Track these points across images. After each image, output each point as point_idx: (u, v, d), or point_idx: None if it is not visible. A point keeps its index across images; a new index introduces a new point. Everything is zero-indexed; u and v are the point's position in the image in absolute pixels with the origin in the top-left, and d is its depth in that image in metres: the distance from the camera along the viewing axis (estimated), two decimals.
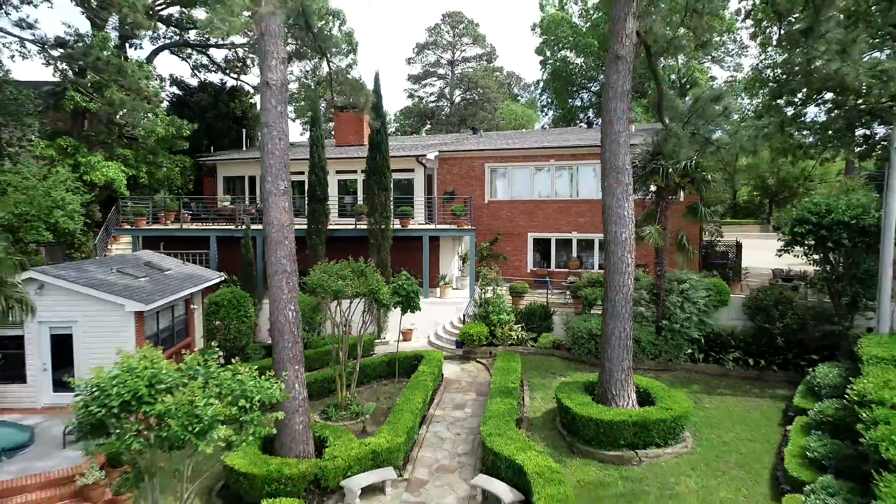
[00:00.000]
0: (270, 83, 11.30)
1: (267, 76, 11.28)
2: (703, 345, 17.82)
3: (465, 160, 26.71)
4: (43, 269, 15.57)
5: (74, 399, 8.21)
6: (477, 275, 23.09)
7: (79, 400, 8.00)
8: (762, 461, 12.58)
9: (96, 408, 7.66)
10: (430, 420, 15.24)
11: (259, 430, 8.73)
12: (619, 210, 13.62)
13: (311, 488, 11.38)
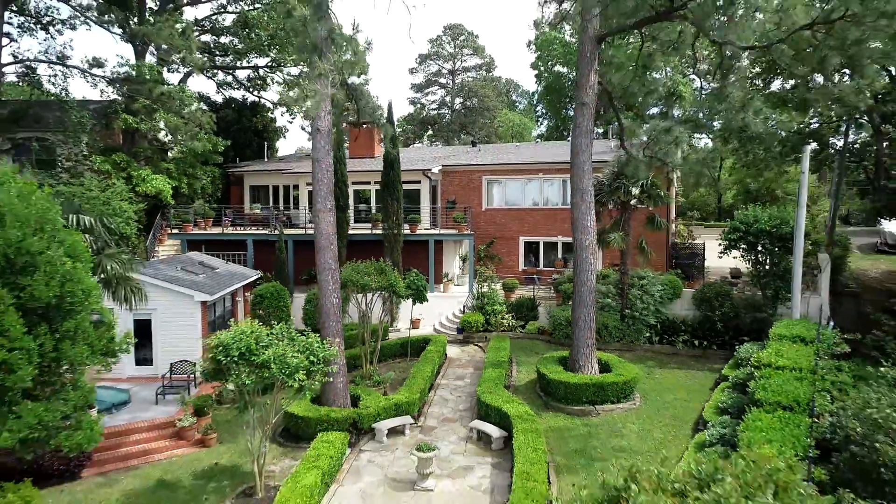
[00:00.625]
0: (321, 129, 15.28)
1: (318, 124, 15.25)
2: (658, 329, 21.84)
3: (465, 173, 30.70)
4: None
5: (204, 354, 12.18)
6: (475, 273, 27.10)
7: (209, 352, 11.98)
8: (691, 414, 16.55)
9: (222, 357, 11.64)
10: (436, 387, 19.24)
11: (321, 378, 12.72)
12: (584, 221, 17.59)
13: (350, 429, 15.36)
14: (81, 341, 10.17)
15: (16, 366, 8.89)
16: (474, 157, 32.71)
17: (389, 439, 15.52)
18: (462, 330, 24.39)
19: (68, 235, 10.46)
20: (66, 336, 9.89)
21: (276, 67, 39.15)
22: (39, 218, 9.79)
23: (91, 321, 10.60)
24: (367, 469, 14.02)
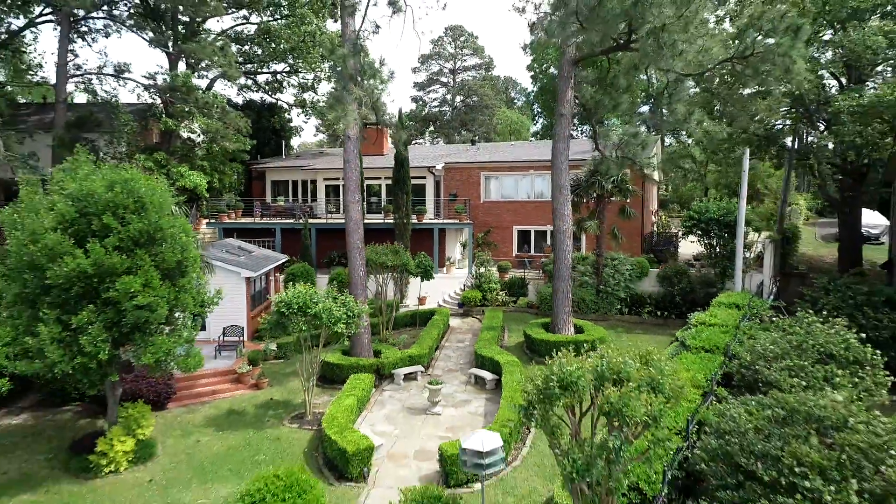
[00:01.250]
0: (350, 137, 19.29)
1: (348, 133, 19.24)
2: (627, 302, 25.90)
3: (465, 169, 34.67)
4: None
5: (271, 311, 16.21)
6: (474, 257, 31.14)
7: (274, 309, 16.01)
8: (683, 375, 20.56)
9: (285, 310, 15.68)
10: (441, 348, 23.31)
11: (355, 328, 16.77)
12: (562, 211, 21.60)
13: (374, 374, 19.43)
14: (189, 294, 14.22)
15: (156, 307, 12.93)
16: (474, 156, 36.68)
17: (405, 383, 19.61)
18: (462, 305, 28.46)
19: (178, 218, 14.49)
20: (182, 289, 13.94)
21: (292, 73, 43.04)
22: (162, 204, 13.82)
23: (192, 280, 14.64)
24: (389, 401, 18.10)
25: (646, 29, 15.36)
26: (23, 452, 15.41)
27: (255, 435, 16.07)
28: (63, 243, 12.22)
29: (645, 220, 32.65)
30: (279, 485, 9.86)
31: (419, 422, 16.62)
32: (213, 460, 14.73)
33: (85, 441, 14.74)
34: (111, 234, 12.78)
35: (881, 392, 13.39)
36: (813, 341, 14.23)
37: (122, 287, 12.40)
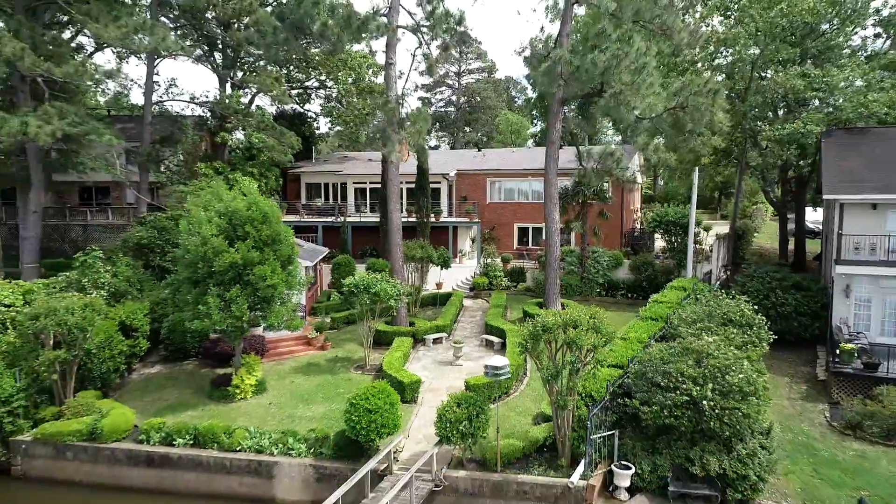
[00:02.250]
0: (393, 161, 25.78)
1: (391, 158, 25.72)
2: (605, 287, 32.49)
3: (474, 175, 41.16)
4: None
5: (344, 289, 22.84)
6: (482, 249, 37.69)
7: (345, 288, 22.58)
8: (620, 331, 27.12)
9: (354, 289, 22.24)
10: (458, 321, 29.93)
11: (402, 303, 23.36)
12: (552, 216, 28.09)
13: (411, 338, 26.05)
14: (294, 278, 20.81)
15: (278, 286, 19.51)
16: (480, 163, 43.12)
17: (434, 345, 26.26)
18: (473, 289, 35.05)
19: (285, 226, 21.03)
20: (290, 274, 20.52)
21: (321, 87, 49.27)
22: (278, 217, 20.37)
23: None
24: (424, 358, 24.76)
25: (609, 92, 21.83)
26: (173, 389, 22.07)
27: (332, 377, 22.72)
28: (222, 245, 18.77)
29: (626, 218, 39.21)
30: (375, 391, 16.45)
31: (447, 370, 23.26)
32: (307, 392, 21.39)
33: (220, 380, 21.41)
34: (249, 237, 19.34)
35: (763, 345, 19.97)
36: (719, 310, 20.82)
37: (258, 273, 19.00)
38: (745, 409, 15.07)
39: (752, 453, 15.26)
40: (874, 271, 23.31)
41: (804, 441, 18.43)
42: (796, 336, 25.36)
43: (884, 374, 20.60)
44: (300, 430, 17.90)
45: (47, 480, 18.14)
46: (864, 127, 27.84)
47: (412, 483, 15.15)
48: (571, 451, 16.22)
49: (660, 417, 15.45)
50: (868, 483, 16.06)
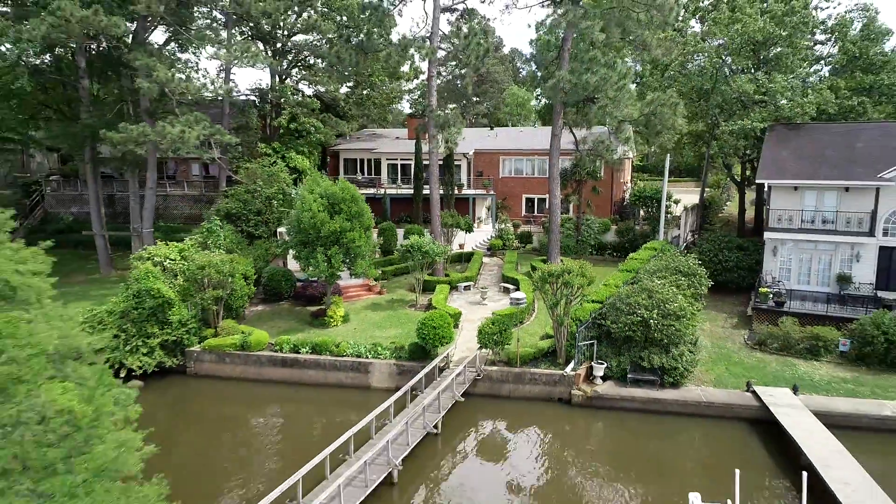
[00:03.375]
0: (434, 153, 33.80)
1: (433, 151, 33.73)
2: (596, 248, 40.89)
3: (489, 154, 49.07)
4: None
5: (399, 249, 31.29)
6: (496, 217, 45.94)
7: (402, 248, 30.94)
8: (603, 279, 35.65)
9: (410, 249, 30.61)
10: (480, 274, 38.41)
11: (440, 261, 31.78)
12: (554, 192, 36.27)
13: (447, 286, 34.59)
14: (371, 241, 29.20)
15: (363, 246, 27.90)
16: (494, 143, 50.97)
17: (464, 291, 34.79)
18: (490, 249, 43.44)
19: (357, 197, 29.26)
20: (368, 238, 28.89)
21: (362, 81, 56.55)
22: (357, 194, 28.61)
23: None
24: (458, 299, 33.30)
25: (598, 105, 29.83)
26: (280, 320, 30.65)
27: (393, 312, 31.30)
28: (326, 218, 27.05)
29: (615, 191, 47.32)
30: (437, 315, 24.96)
31: (476, 307, 31.81)
32: (378, 321, 29.99)
33: (317, 313, 30.00)
34: (343, 212, 27.62)
35: (704, 289, 28.43)
36: (674, 264, 29.21)
37: (350, 237, 27.35)
38: (677, 326, 23.61)
39: (681, 354, 23.86)
40: (794, 237, 31.64)
41: (725, 352, 27.07)
42: (737, 285, 33.90)
43: (787, 309, 29.16)
44: (382, 344, 26.53)
45: (211, 377, 26.87)
46: (800, 123, 35.77)
47: (464, 372, 23.83)
48: (566, 354, 24.83)
49: (623, 332, 24.01)
50: (758, 376, 24.68)
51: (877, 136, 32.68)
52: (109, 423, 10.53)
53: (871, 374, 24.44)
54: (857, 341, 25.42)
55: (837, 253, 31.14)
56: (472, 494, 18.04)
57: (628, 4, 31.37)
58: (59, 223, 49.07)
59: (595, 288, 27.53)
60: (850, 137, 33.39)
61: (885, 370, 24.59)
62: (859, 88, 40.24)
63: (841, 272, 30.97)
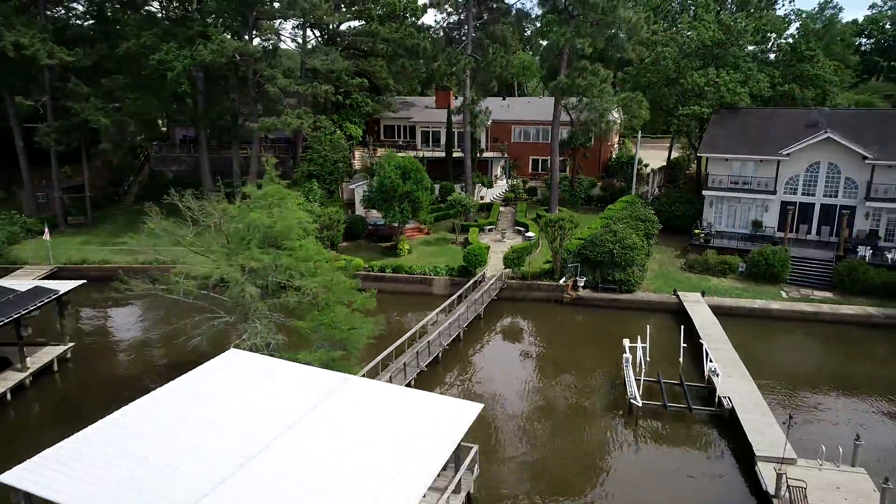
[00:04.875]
0: (467, 131, 46.53)
1: (465, 137, 46.41)
2: (585, 200, 54.12)
3: (504, 123, 61.55)
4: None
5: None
6: (509, 174, 58.95)
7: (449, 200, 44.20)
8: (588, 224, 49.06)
9: (453, 201, 43.84)
10: (498, 219, 51.79)
11: (472, 210, 45.11)
12: (554, 156, 49.25)
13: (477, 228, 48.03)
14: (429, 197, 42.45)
15: (424, 201, 41.19)
16: (507, 113, 63.21)
17: (488, 232, 48.24)
18: (505, 200, 56.61)
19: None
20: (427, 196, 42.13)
21: None
22: (420, 166, 41.68)
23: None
24: (485, 238, 46.77)
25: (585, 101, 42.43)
26: (361, 252, 44.14)
27: (441, 247, 44.83)
28: (400, 182, 40.16)
29: (603, 154, 60.06)
30: (476, 247, 38.45)
31: (498, 244, 45.28)
32: (432, 253, 43.54)
33: (391, 247, 43.56)
34: (411, 178, 40.74)
35: (654, 228, 41.89)
36: (636, 213, 42.47)
37: (415, 195, 40.60)
38: (631, 255, 37.11)
39: (633, 272, 37.45)
40: (723, 194, 44.80)
41: (666, 272, 40.70)
42: (683, 228, 47.23)
43: (713, 245, 42.63)
44: (438, 266, 40.09)
45: None
46: (739, 108, 48.27)
47: (495, 283, 37.56)
48: (560, 273, 38.44)
49: (596, 258, 37.52)
50: (683, 286, 38.28)
51: (787, 121, 45.41)
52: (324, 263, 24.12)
53: (755, 286, 38.19)
54: (749, 265, 39.06)
55: (753, 206, 44.45)
56: (495, 360, 31.84)
57: (610, 22, 43.63)
58: (162, 179, 61.94)
59: (581, 230, 40.86)
60: (769, 121, 46.17)
61: (764, 283, 38.31)
62: (791, 76, 52.51)
63: (755, 219, 44.34)
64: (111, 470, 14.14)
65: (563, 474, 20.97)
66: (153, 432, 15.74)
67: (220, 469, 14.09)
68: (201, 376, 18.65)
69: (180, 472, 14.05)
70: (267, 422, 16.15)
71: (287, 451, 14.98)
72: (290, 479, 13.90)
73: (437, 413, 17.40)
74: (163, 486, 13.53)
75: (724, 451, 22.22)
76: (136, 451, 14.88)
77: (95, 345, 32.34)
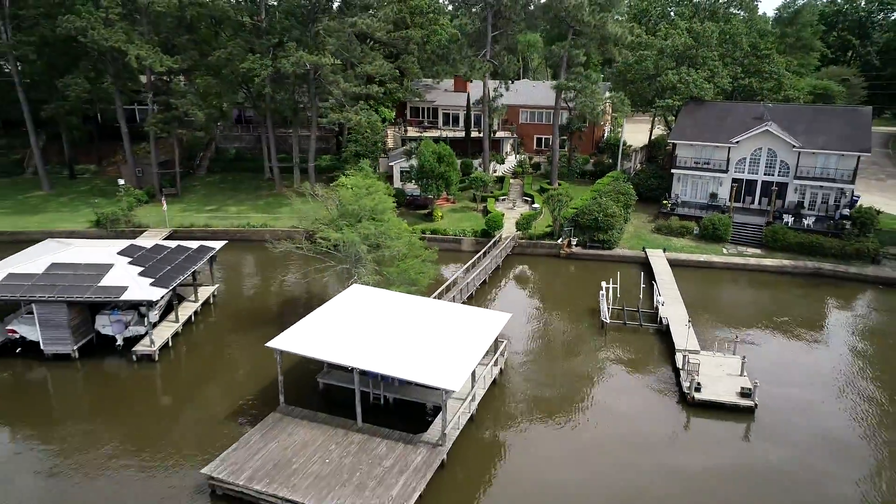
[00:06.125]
0: (489, 116, 58.39)
1: (484, 124, 58.25)
2: (579, 174, 66.23)
3: (513, 107, 73.02)
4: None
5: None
6: (517, 151, 70.90)
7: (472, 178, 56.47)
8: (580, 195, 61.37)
9: (476, 177, 56.09)
10: (509, 191, 64.07)
11: (489, 184, 57.41)
12: (555, 137, 61.21)
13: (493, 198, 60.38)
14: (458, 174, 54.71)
15: (454, 179, 53.46)
16: (516, 98, 74.46)
17: (502, 201, 60.57)
18: (514, 174, 68.70)
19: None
20: (457, 174, 54.36)
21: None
22: (452, 153, 53.79)
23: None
24: (499, 206, 59.14)
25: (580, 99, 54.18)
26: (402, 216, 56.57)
27: (465, 214, 57.23)
28: (436, 164, 52.32)
29: (596, 135, 71.88)
30: (495, 214, 50.88)
31: (510, 211, 57.68)
32: (459, 218, 55.99)
33: (427, 214, 56.01)
34: (444, 161, 52.89)
35: (632, 200, 54.29)
36: (618, 188, 54.74)
37: (449, 174, 52.81)
38: (612, 221, 49.59)
39: (613, 234, 49.98)
40: (688, 173, 56.97)
41: (639, 234, 53.25)
42: (656, 199, 59.44)
43: (678, 213, 55.03)
44: (465, 229, 52.60)
45: None
46: (704, 101, 59.87)
47: (509, 242, 50.18)
48: (558, 234, 50.97)
49: (585, 223, 49.99)
50: (650, 245, 50.81)
51: (740, 113, 57.20)
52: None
53: (705, 244, 50.77)
54: (701, 228, 51.56)
55: (711, 181, 56.64)
56: (511, 296, 44.64)
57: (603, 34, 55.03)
58: (227, 155, 73.90)
59: (575, 201, 53.17)
60: (726, 113, 57.95)
61: (712, 242, 50.85)
62: (750, 71, 63.97)
63: (712, 192, 56.60)
64: (323, 338, 26.99)
65: (554, 357, 34.03)
66: (337, 320, 28.58)
67: (379, 337, 26.92)
68: (344, 297, 31.41)
69: (358, 338, 26.87)
70: (388, 320, 28.93)
71: (405, 336, 27.75)
72: (413, 347, 26.70)
73: (483, 318, 30.19)
74: (352, 345, 26.36)
75: (658, 348, 35.18)
76: (331, 329, 27.70)
77: (234, 286, 45.09)
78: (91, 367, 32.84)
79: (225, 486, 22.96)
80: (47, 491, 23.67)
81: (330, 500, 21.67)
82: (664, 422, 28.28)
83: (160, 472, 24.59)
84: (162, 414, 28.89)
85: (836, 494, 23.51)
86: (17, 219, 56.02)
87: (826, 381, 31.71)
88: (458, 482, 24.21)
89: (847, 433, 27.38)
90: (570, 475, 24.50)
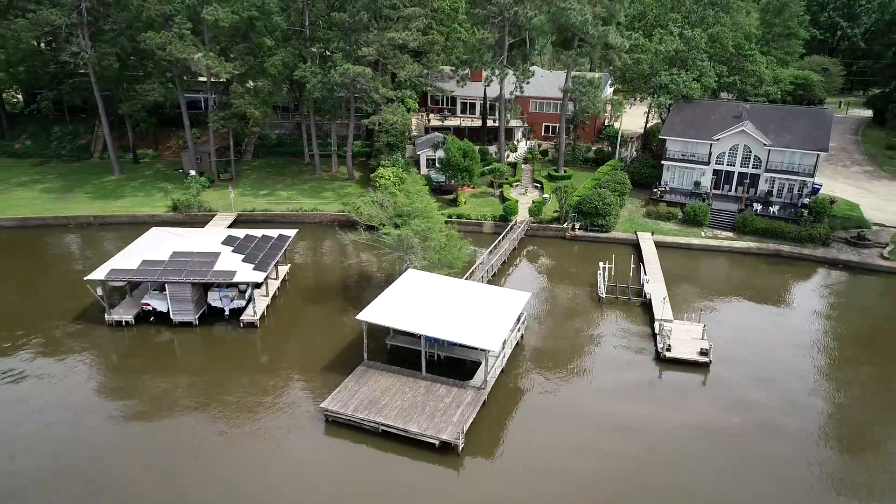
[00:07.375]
0: (504, 107, 67.44)
1: (501, 100, 67.28)
2: (583, 161, 75.50)
3: (524, 98, 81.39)
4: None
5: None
6: (528, 139, 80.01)
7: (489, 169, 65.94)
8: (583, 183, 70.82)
9: (494, 166, 65.50)
10: (522, 177, 73.46)
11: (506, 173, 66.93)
12: (562, 127, 70.33)
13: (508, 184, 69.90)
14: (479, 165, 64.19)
15: (475, 169, 62.95)
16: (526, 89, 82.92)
17: (515, 187, 70.07)
18: (525, 160, 77.89)
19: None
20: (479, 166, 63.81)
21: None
22: (474, 148, 63.11)
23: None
24: (513, 193, 68.71)
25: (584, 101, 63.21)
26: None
27: (484, 199, 66.83)
28: (461, 158, 61.71)
29: (598, 125, 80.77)
30: (512, 201, 60.56)
31: (523, 197, 67.23)
32: (479, 203, 65.59)
33: (452, 200, 65.66)
34: (467, 156, 62.27)
35: (626, 189, 63.87)
36: (616, 175, 64.18)
37: (470, 166, 62.28)
38: (609, 208, 59.30)
39: (610, 220, 59.73)
40: (676, 164, 66.34)
41: (633, 219, 62.99)
42: (648, 186, 68.81)
43: (666, 199, 64.64)
44: (486, 213, 62.31)
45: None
46: (692, 99, 68.65)
47: (523, 226, 60.01)
48: (564, 219, 60.70)
49: (587, 210, 59.65)
50: (641, 228, 60.61)
51: (722, 112, 66.21)
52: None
53: (687, 228, 60.56)
54: (685, 214, 61.26)
55: (695, 172, 66.04)
56: (525, 273, 54.69)
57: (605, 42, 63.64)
58: (269, 140, 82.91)
59: (579, 190, 62.66)
60: (711, 111, 66.92)
61: (693, 227, 60.59)
62: (734, 69, 72.53)
63: (696, 181, 66.07)
64: (394, 311, 37.18)
65: (561, 324, 44.45)
66: (402, 298, 38.72)
67: (434, 310, 37.09)
68: (403, 280, 41.46)
69: (418, 311, 37.04)
70: (438, 298, 39.04)
71: (452, 309, 37.86)
72: (460, 318, 36.84)
73: (509, 296, 40.30)
74: (415, 316, 36.55)
75: (642, 317, 45.45)
76: (398, 304, 37.87)
77: (301, 266, 55.00)
78: (208, 332, 43.18)
79: (337, 416, 33.47)
80: (201, 420, 34.16)
81: (412, 424, 32.21)
82: (643, 372, 38.79)
83: (285, 408, 35.09)
84: (273, 367, 39.33)
85: (765, 419, 34.17)
86: (104, 203, 65.64)
87: (775, 342, 42.12)
88: (496, 415, 34.76)
89: (783, 376, 38.05)
90: (576, 407, 35.14)
